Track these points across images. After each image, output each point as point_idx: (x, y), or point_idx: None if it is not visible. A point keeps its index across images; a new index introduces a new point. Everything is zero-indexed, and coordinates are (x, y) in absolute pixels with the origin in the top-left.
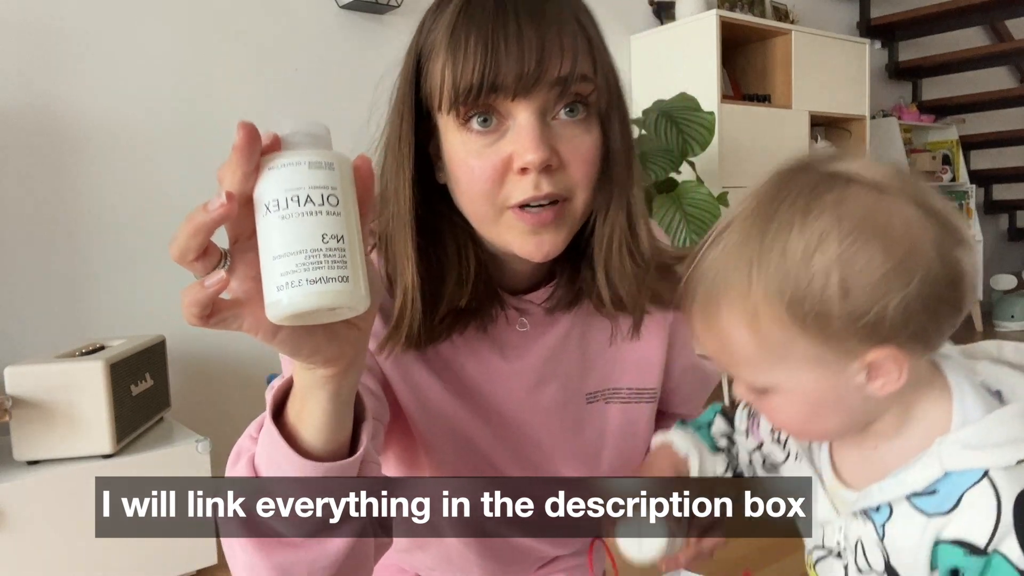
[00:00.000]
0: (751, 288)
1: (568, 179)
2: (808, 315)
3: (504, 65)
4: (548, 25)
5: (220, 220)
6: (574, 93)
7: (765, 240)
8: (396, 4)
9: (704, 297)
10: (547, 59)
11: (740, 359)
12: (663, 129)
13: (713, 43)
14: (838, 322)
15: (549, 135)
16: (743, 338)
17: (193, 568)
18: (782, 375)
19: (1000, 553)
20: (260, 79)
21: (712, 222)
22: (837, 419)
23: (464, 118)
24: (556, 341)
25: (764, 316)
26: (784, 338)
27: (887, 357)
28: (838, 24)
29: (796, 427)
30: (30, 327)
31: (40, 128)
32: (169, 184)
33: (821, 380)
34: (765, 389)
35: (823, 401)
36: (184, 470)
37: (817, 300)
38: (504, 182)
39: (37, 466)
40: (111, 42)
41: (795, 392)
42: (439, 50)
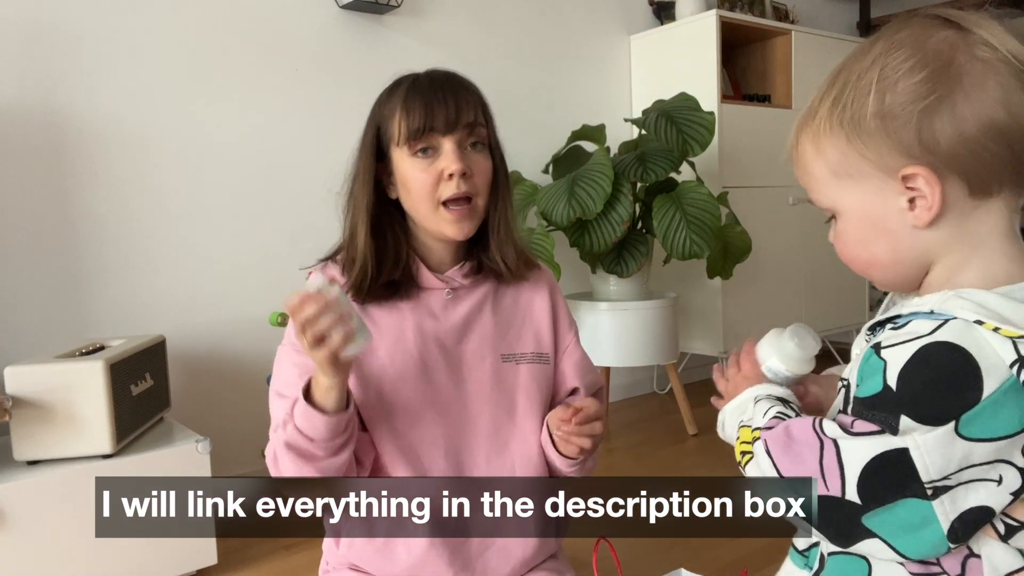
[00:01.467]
0: (818, 110)
1: (475, 185)
2: (850, 121)
3: (437, 116)
4: (459, 95)
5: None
6: (477, 133)
7: (837, 76)
8: (396, 4)
9: (795, 128)
10: (461, 112)
11: (812, 180)
12: (663, 129)
13: (713, 43)
14: (872, 124)
15: (464, 157)
16: (811, 159)
17: (193, 568)
18: (839, 193)
19: (881, 356)
20: (260, 79)
21: (712, 222)
22: (885, 246)
23: (412, 149)
24: (473, 306)
25: (823, 133)
26: (837, 152)
27: (919, 176)
28: (838, 24)
29: (855, 253)
30: (30, 327)
31: (40, 128)
32: (169, 184)
33: (869, 197)
34: (832, 213)
35: (873, 223)
36: (184, 470)
37: (859, 106)
38: (438, 186)
39: (37, 466)
40: (111, 42)
41: (850, 214)
42: (396, 111)
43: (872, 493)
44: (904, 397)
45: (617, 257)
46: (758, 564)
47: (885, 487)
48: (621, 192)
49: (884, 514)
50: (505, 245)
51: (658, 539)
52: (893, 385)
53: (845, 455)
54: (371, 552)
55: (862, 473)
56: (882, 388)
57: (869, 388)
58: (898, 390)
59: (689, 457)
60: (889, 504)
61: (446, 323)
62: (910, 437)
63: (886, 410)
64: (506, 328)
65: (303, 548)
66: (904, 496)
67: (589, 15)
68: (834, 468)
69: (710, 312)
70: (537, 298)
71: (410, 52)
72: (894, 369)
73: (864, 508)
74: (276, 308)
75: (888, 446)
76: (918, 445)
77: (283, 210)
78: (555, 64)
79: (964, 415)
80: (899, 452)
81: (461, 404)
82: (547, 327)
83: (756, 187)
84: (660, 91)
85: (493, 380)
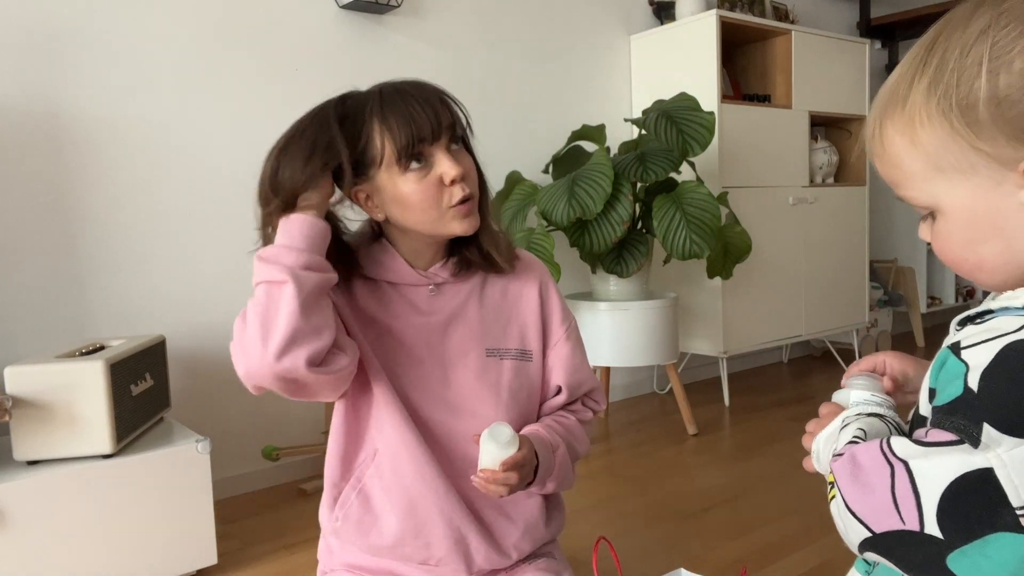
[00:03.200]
0: (910, 95)
1: (470, 183)
2: (956, 108)
3: (422, 125)
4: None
5: None
6: (457, 133)
7: (930, 52)
8: (396, 4)
9: (876, 116)
10: (440, 115)
11: (904, 175)
12: (663, 129)
13: (713, 43)
14: (984, 112)
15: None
16: (903, 150)
17: (193, 568)
18: (941, 189)
19: (961, 358)
20: (260, 79)
21: (712, 222)
22: (996, 246)
23: (404, 166)
24: (459, 300)
25: (919, 121)
26: (937, 143)
27: None
28: (838, 24)
29: (961, 255)
30: (30, 327)
31: (40, 128)
32: (169, 184)
33: (978, 193)
34: (931, 211)
35: (984, 222)
36: (184, 470)
37: (965, 90)
38: (441, 194)
39: (37, 466)
40: (111, 42)
41: (955, 211)
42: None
43: (956, 525)
44: (986, 401)
45: (617, 257)
46: (758, 564)
47: (971, 517)
48: (621, 192)
49: (973, 554)
50: (497, 236)
51: (658, 539)
52: (975, 387)
53: (920, 480)
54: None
55: (941, 501)
56: (963, 391)
57: (949, 394)
58: (980, 393)
59: (689, 457)
60: (978, 539)
61: (431, 318)
62: (994, 454)
63: (966, 416)
64: (492, 322)
65: (303, 548)
66: (995, 529)
67: (589, 15)
68: (908, 496)
69: (710, 312)
70: (526, 292)
71: (410, 52)
72: (976, 371)
73: (948, 545)
74: None
75: (969, 466)
76: (1004, 463)
77: None
78: (555, 64)
79: None
80: (983, 473)
81: (449, 394)
82: (534, 322)
83: (756, 187)
84: (660, 91)
85: (477, 374)
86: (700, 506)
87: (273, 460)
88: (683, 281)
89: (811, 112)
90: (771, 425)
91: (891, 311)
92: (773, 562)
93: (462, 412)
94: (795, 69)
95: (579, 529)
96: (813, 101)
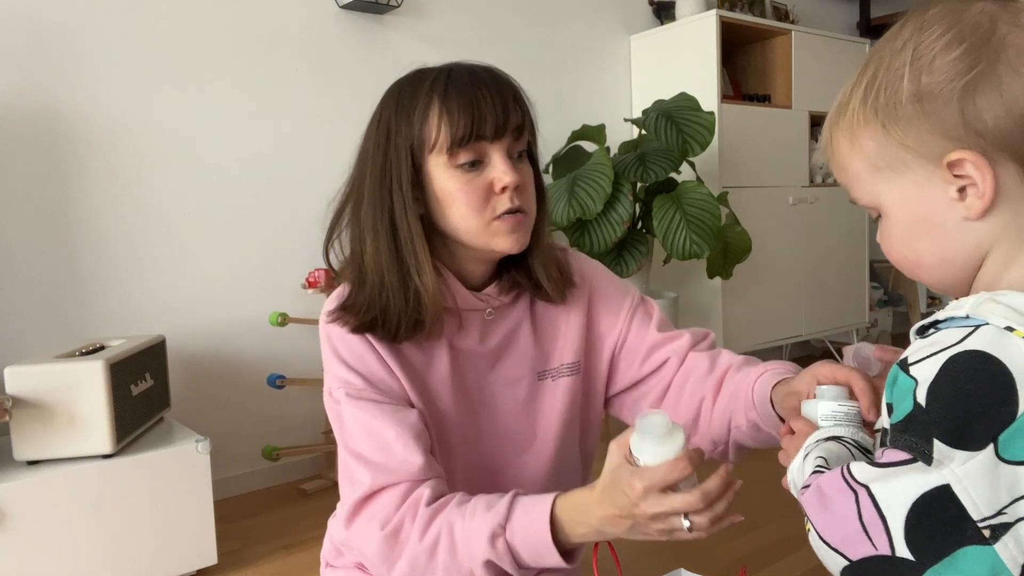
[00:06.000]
0: (850, 102)
1: (526, 198)
2: (884, 108)
3: (486, 119)
4: (505, 93)
5: None
6: (523, 139)
7: (867, 64)
8: (396, 4)
9: (828, 123)
10: (509, 114)
11: (851, 178)
12: (663, 129)
13: (713, 43)
14: (909, 109)
15: (515, 167)
16: (847, 154)
17: (193, 568)
18: (880, 188)
19: (911, 375)
20: (260, 79)
21: (712, 222)
22: (931, 243)
23: (455, 160)
24: (513, 325)
25: (858, 126)
26: (873, 144)
27: (967, 161)
28: (838, 24)
29: (901, 253)
30: (30, 327)
31: (40, 128)
32: (169, 184)
33: (912, 191)
34: (876, 211)
35: (920, 218)
36: (184, 470)
37: (892, 90)
38: (489, 199)
39: (37, 466)
40: (111, 42)
41: (895, 209)
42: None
43: (924, 544)
44: (933, 416)
45: (617, 257)
46: (758, 564)
47: (937, 535)
48: (621, 192)
49: (946, 572)
50: (548, 264)
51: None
52: (923, 402)
53: (883, 504)
54: None
55: (907, 522)
56: (912, 407)
57: (902, 411)
58: (928, 408)
59: None
60: (948, 556)
61: (485, 347)
62: (948, 470)
63: (916, 433)
64: (544, 343)
65: (303, 548)
66: (961, 544)
67: (589, 15)
68: (876, 521)
69: (710, 312)
70: (576, 306)
71: (410, 52)
72: (923, 386)
73: (920, 566)
74: (276, 308)
75: (927, 485)
76: (959, 478)
77: (283, 210)
78: (555, 64)
79: (1002, 435)
80: (940, 490)
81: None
82: (579, 328)
83: (756, 187)
84: (660, 91)
85: (526, 402)
86: None
87: (273, 460)
88: (683, 281)
89: (811, 112)
90: None
91: (891, 311)
92: (773, 562)
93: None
94: (795, 69)
95: None
96: (813, 101)
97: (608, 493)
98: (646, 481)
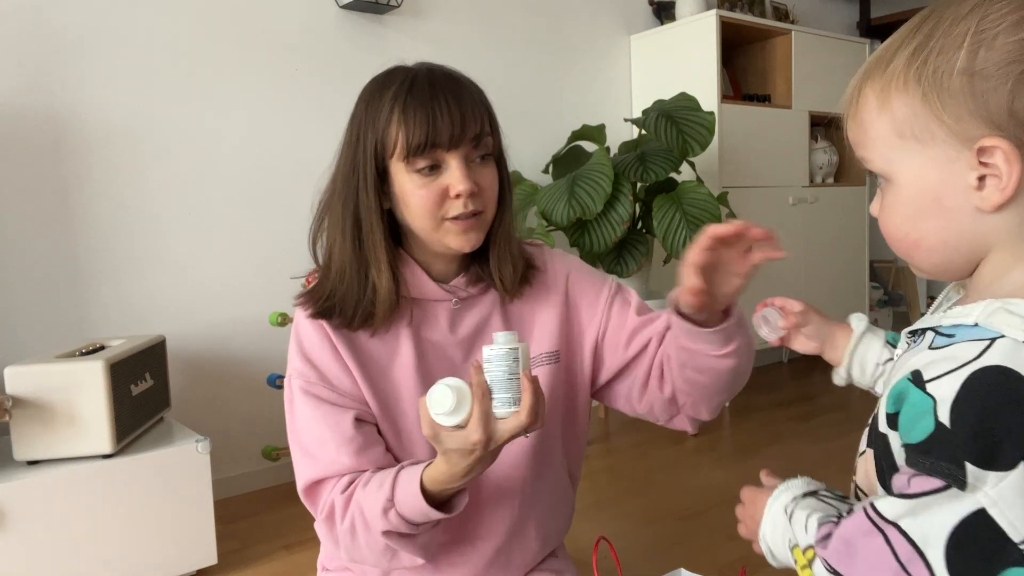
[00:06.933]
0: (894, 59)
1: (483, 200)
2: (931, 75)
3: (441, 130)
4: (464, 101)
5: None
6: (484, 145)
7: (924, 21)
8: (396, 4)
9: (859, 77)
10: (467, 123)
11: (868, 138)
12: (663, 129)
13: (713, 43)
14: (956, 82)
15: (471, 172)
16: (873, 113)
17: (193, 568)
18: (898, 156)
19: (928, 393)
20: (260, 79)
21: (712, 222)
22: (937, 225)
23: (413, 166)
24: (482, 315)
25: (896, 85)
26: (906, 109)
27: (999, 150)
28: (838, 24)
29: (902, 229)
30: (30, 327)
31: (41, 128)
32: (169, 184)
33: (931, 167)
34: (885, 179)
35: (932, 198)
36: (184, 470)
37: (944, 59)
38: (443, 204)
39: (37, 466)
40: (112, 42)
41: (909, 183)
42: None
43: (967, 573)
44: (960, 437)
45: (617, 257)
46: (757, 564)
47: (979, 562)
48: (621, 192)
49: None
50: (504, 262)
51: (658, 539)
52: (947, 422)
53: (918, 538)
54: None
55: (947, 553)
56: (935, 428)
57: (921, 431)
58: (953, 428)
59: (689, 457)
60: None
61: (456, 336)
62: (982, 494)
63: (944, 456)
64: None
65: (303, 548)
66: (1004, 566)
67: (589, 15)
68: (913, 557)
69: None
70: (551, 296)
71: (410, 52)
72: (944, 404)
73: None
74: (276, 308)
75: (962, 512)
76: (994, 500)
77: (283, 210)
78: (555, 64)
79: None
80: (976, 515)
81: None
82: (556, 319)
83: (756, 187)
84: (660, 91)
85: None
86: (700, 506)
87: (273, 460)
88: None
89: (811, 112)
90: (771, 425)
91: (891, 311)
92: None
93: None
94: (795, 69)
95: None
96: (813, 101)
97: (447, 457)
98: (476, 435)
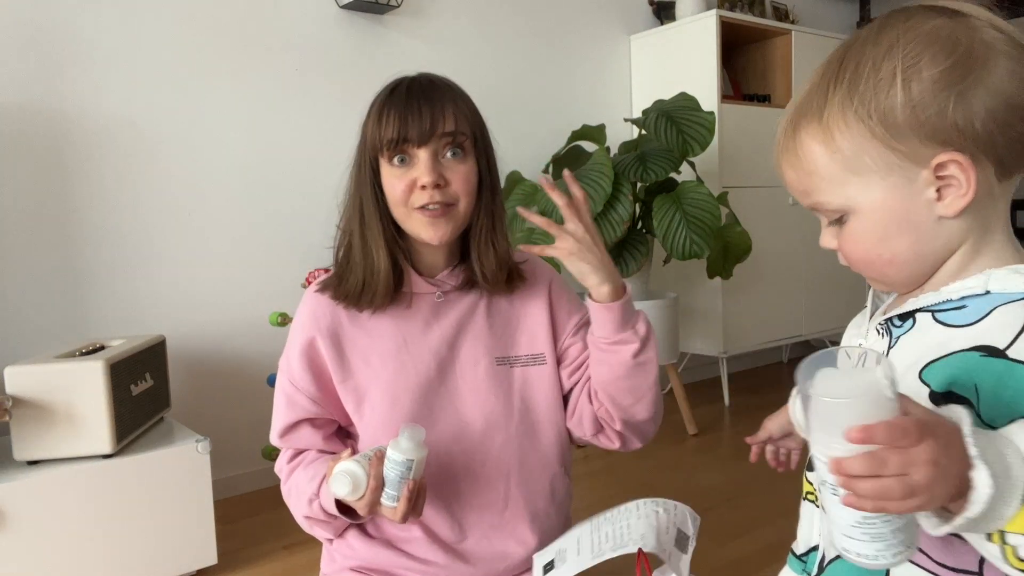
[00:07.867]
0: (826, 104)
1: (453, 193)
2: (875, 114)
3: (411, 128)
4: (436, 105)
5: None
6: (456, 142)
7: (842, 65)
8: (396, 4)
9: (788, 128)
10: (436, 123)
11: (817, 180)
12: (663, 129)
13: (713, 43)
14: (901, 116)
15: (440, 166)
16: (818, 155)
17: (193, 568)
18: (855, 190)
19: (1012, 358)
20: (260, 79)
21: (712, 222)
22: (907, 240)
23: (389, 158)
24: (466, 309)
25: (836, 128)
26: (855, 146)
27: (953, 163)
28: (838, 24)
29: (875, 252)
30: (30, 327)
31: (41, 128)
32: (169, 184)
33: (892, 191)
34: (842, 214)
35: (899, 219)
36: (184, 470)
37: (882, 97)
38: (412, 194)
39: (37, 466)
40: (112, 42)
41: (868, 209)
42: (375, 120)
43: None
44: None
45: (617, 257)
46: (758, 564)
47: None
48: (621, 192)
49: None
50: (485, 255)
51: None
52: None
53: None
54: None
55: None
56: None
57: None
58: None
59: (689, 457)
60: None
61: (438, 329)
62: None
63: None
64: (501, 331)
65: (303, 548)
66: None
67: (589, 15)
68: None
69: (710, 312)
70: (533, 300)
71: (410, 52)
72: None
73: None
74: (276, 308)
75: None
76: None
77: (283, 209)
78: (555, 64)
79: None
80: None
81: (453, 411)
82: (543, 324)
83: (756, 187)
84: (660, 91)
85: (488, 383)
86: (700, 506)
87: (273, 460)
88: (683, 281)
89: None
90: None
91: None
92: (773, 562)
93: (474, 422)
94: (795, 69)
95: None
96: None
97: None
98: (362, 508)
